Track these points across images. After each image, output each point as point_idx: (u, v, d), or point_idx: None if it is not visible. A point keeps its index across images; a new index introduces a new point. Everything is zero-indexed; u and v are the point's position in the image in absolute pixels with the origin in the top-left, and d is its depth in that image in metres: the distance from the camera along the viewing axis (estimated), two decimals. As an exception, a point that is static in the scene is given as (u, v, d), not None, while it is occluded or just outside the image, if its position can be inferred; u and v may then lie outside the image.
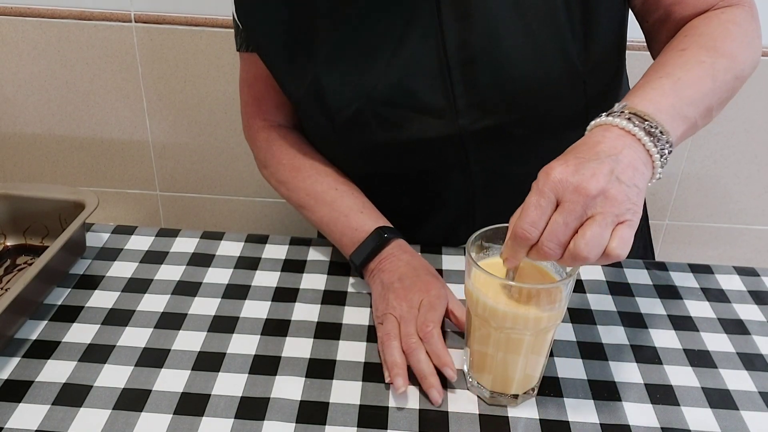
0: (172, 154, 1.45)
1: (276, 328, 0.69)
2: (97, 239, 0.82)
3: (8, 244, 0.79)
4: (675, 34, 0.69)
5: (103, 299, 0.72)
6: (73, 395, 0.61)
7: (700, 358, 0.67)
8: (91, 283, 0.75)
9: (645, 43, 0.77)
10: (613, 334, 0.69)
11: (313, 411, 0.60)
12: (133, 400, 0.60)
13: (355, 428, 0.58)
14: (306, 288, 0.75)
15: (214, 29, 1.29)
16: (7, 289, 0.71)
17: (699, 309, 0.74)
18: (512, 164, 0.76)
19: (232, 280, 0.76)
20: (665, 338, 0.69)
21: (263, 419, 0.59)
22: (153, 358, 0.65)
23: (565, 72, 0.70)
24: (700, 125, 0.62)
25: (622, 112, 0.56)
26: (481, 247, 0.60)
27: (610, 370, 0.65)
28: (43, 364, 0.64)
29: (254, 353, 0.66)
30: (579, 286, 0.76)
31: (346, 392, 0.62)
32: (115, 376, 0.63)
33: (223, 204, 1.52)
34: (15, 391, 0.61)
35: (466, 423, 0.59)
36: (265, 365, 0.64)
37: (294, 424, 0.58)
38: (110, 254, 0.79)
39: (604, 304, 0.74)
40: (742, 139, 1.37)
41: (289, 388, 0.62)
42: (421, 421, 0.59)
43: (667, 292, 0.76)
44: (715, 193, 1.44)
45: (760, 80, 1.30)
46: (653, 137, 0.55)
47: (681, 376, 0.65)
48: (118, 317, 0.70)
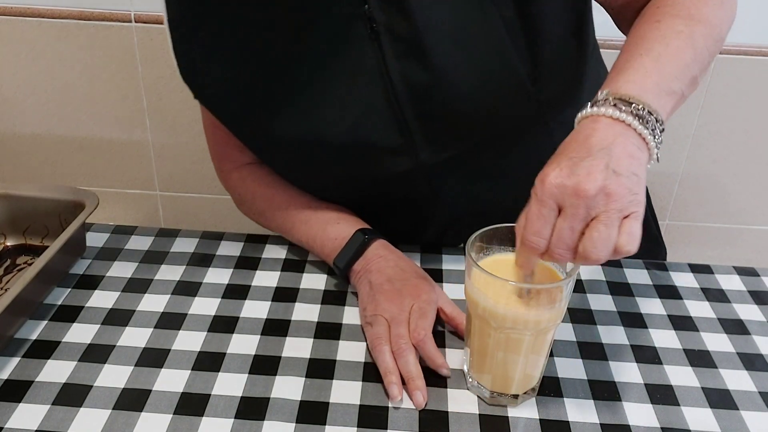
0: (172, 154, 1.45)
1: (276, 328, 0.69)
2: (97, 239, 0.82)
3: (8, 244, 0.79)
4: (643, 9, 0.67)
5: (103, 299, 0.72)
6: (73, 395, 0.61)
7: (700, 358, 0.67)
8: (91, 283, 0.75)
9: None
10: (613, 334, 0.69)
11: (313, 411, 0.60)
12: (133, 400, 0.60)
13: (355, 428, 0.58)
14: (306, 288, 0.75)
15: (214, 29, 1.29)
16: (7, 289, 0.70)
17: (699, 309, 0.74)
18: (484, 180, 0.76)
19: (232, 280, 0.76)
20: (665, 338, 0.69)
21: (263, 419, 0.59)
22: (153, 358, 0.65)
23: (517, 93, 0.68)
24: (688, 95, 0.61)
25: (607, 99, 0.55)
26: (481, 248, 0.60)
27: (610, 370, 0.65)
28: (43, 364, 0.64)
29: (254, 353, 0.66)
30: (579, 286, 0.76)
31: (346, 392, 0.62)
32: (115, 376, 0.63)
33: (223, 204, 1.51)
34: (15, 391, 0.61)
35: (466, 423, 0.59)
36: (265, 365, 0.64)
37: (294, 424, 0.58)
38: (110, 254, 0.79)
39: (604, 304, 0.74)
40: (742, 139, 1.37)
41: (289, 388, 0.62)
42: (421, 421, 0.59)
43: (667, 292, 0.76)
44: (715, 193, 1.44)
45: (760, 80, 1.30)
46: (643, 120, 0.54)
47: (681, 376, 0.65)
48: (118, 317, 0.70)
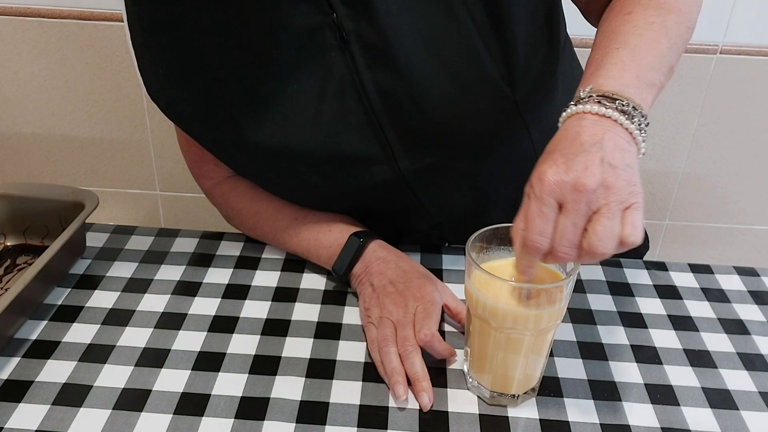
0: (172, 154, 1.44)
1: (276, 328, 0.69)
2: (97, 239, 0.81)
3: (8, 244, 0.79)
4: (611, 1, 0.67)
5: (103, 299, 0.72)
6: (73, 395, 0.61)
7: (700, 358, 0.67)
8: (91, 283, 0.75)
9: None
10: (613, 334, 0.69)
11: (313, 411, 0.60)
12: (133, 400, 0.60)
13: (355, 428, 0.58)
14: (306, 288, 0.75)
15: (214, 29, 1.29)
16: (7, 289, 0.70)
17: (699, 309, 0.74)
18: (465, 185, 0.75)
19: (232, 280, 0.76)
20: (665, 338, 0.69)
21: (263, 419, 0.59)
22: (153, 358, 0.65)
23: (492, 96, 0.68)
24: (665, 84, 0.61)
25: (590, 96, 0.55)
26: (481, 248, 0.60)
27: (610, 370, 0.65)
28: (43, 364, 0.64)
29: (254, 353, 0.66)
30: (579, 286, 0.76)
31: (346, 392, 0.62)
32: (115, 376, 0.63)
33: (223, 204, 1.51)
34: (15, 391, 0.61)
35: (466, 423, 0.59)
36: (265, 365, 0.64)
37: (294, 424, 0.58)
38: (110, 254, 0.79)
39: (604, 304, 0.74)
40: (742, 139, 1.37)
41: (289, 388, 0.62)
42: (421, 421, 0.59)
43: (667, 292, 0.76)
44: (715, 193, 1.44)
45: (760, 80, 1.30)
46: (627, 115, 0.54)
47: (681, 376, 0.65)
48: (118, 317, 0.70)
